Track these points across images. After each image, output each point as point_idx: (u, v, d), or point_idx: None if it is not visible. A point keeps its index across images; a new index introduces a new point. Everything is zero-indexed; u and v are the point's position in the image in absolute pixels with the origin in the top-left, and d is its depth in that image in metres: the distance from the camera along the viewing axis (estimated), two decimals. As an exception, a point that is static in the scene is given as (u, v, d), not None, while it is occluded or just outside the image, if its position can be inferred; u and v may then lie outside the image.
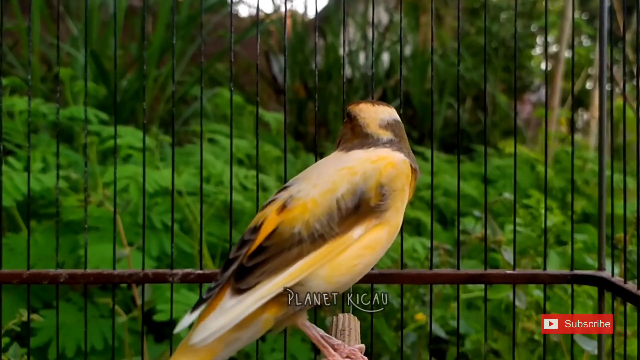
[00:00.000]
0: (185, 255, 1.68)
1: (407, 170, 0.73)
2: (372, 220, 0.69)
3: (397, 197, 0.71)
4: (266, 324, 0.67)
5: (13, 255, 1.55)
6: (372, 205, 0.69)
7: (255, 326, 0.66)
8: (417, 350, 1.50)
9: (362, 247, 0.68)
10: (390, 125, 0.78)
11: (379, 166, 0.72)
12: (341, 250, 0.67)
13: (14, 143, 1.89)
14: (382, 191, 0.70)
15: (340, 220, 0.68)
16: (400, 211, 0.72)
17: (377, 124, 0.77)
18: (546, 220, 1.09)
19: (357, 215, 0.68)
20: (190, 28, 2.88)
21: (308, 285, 0.66)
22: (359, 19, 4.40)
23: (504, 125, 4.25)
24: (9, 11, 2.59)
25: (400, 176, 0.72)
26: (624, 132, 1.54)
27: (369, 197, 0.69)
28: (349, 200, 0.69)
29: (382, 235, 0.70)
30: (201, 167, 1.05)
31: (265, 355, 1.53)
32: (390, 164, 0.72)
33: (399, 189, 0.71)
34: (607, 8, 1.06)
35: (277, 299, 0.65)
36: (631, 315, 0.98)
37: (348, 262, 0.68)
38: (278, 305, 0.66)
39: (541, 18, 4.49)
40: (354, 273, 0.69)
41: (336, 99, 3.78)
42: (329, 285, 0.67)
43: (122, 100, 2.58)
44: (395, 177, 0.71)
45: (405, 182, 0.72)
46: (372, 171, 0.71)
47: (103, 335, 1.48)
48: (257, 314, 0.65)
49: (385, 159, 0.73)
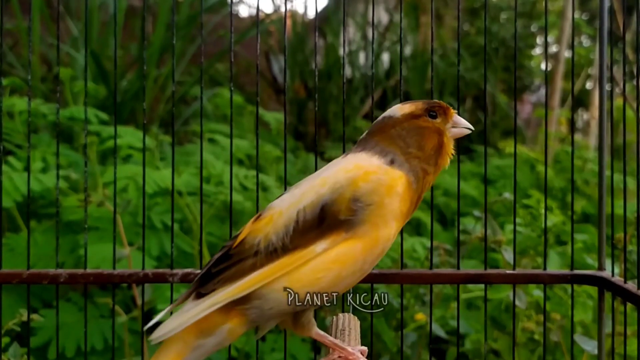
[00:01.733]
0: (185, 255, 1.68)
1: (389, 181, 0.67)
2: (340, 233, 0.65)
3: (374, 212, 0.66)
4: (232, 333, 0.66)
5: (13, 255, 1.55)
6: (340, 219, 0.65)
7: (219, 335, 0.66)
8: (417, 350, 1.50)
9: (328, 261, 0.65)
10: (383, 125, 0.73)
11: (353, 176, 0.67)
12: (301, 264, 0.65)
13: (14, 143, 1.89)
14: (354, 205, 0.66)
15: (299, 234, 0.65)
16: (380, 226, 0.66)
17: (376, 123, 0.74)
18: (546, 220, 1.09)
19: (320, 228, 0.65)
20: (190, 28, 2.88)
21: (266, 298, 0.65)
22: (359, 19, 4.40)
23: (504, 125, 4.25)
24: (9, 11, 2.59)
25: (377, 189, 0.66)
26: (624, 132, 1.54)
27: (337, 209, 0.65)
28: (309, 212, 0.66)
29: (354, 250, 0.65)
30: (201, 167, 1.05)
31: (265, 355, 1.53)
32: (365, 175, 0.67)
33: (376, 203, 0.66)
34: (607, 8, 1.06)
35: (239, 310, 0.65)
36: (631, 315, 0.98)
37: (310, 275, 0.65)
38: (240, 316, 0.65)
39: (541, 18, 4.49)
40: (321, 286, 0.65)
41: (336, 99, 3.78)
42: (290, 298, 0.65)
43: (122, 100, 2.58)
44: (371, 191, 0.66)
45: (385, 195, 0.66)
46: (345, 182, 0.67)
47: (103, 335, 1.48)
48: (218, 322, 0.65)
49: (361, 168, 0.69)
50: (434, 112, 0.73)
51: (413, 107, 0.73)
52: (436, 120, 0.73)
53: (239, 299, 0.65)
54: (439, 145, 0.72)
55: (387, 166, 0.69)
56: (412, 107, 0.73)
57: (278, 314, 0.66)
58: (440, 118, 0.74)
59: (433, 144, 0.72)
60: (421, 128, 0.72)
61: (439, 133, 0.73)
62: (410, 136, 0.72)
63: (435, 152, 0.72)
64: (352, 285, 0.69)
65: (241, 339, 1.52)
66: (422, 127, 0.72)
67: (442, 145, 0.73)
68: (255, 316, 0.65)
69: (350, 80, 4.01)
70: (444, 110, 0.74)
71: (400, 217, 0.69)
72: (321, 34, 4.07)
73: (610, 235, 1.10)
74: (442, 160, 0.73)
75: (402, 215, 0.69)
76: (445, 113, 0.74)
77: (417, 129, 0.72)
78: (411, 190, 0.69)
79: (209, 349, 0.67)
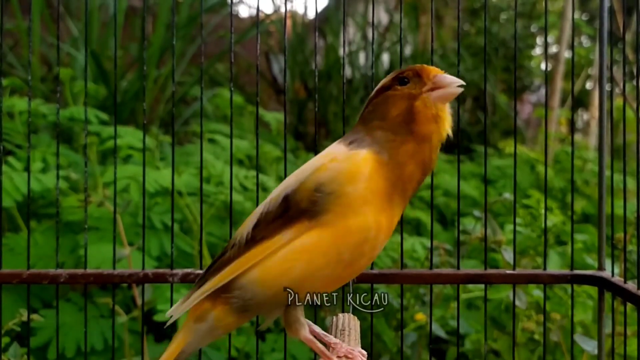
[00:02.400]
0: (185, 255, 1.68)
1: (349, 168, 0.64)
2: (304, 223, 0.64)
3: (336, 201, 0.63)
4: (219, 320, 0.68)
5: (13, 255, 1.55)
6: (303, 208, 0.64)
7: (209, 321, 0.69)
8: (417, 350, 1.50)
9: (295, 251, 0.64)
10: (362, 109, 0.70)
11: (317, 165, 0.66)
12: (270, 254, 0.65)
13: (14, 143, 1.89)
14: (315, 194, 0.64)
15: (265, 225, 0.66)
16: (348, 215, 0.63)
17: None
18: (546, 220, 1.09)
19: (284, 218, 0.65)
20: (190, 28, 2.88)
21: (245, 289, 0.66)
22: (359, 19, 4.40)
23: (504, 125, 4.25)
24: (9, 11, 2.59)
25: (336, 178, 0.64)
26: (624, 132, 1.54)
27: (299, 199, 0.65)
28: (274, 204, 0.67)
29: (322, 239, 0.63)
30: (201, 167, 1.06)
31: (265, 355, 1.53)
32: (327, 164, 0.65)
33: (336, 192, 0.63)
34: (607, 8, 1.06)
35: (223, 298, 0.67)
36: (631, 315, 0.98)
37: (280, 265, 0.65)
38: (224, 304, 0.68)
39: (541, 18, 4.49)
40: (292, 276, 0.64)
41: (336, 99, 3.78)
42: (266, 289, 0.65)
43: (122, 100, 2.57)
44: (330, 180, 0.64)
45: (346, 183, 0.63)
46: (308, 171, 0.66)
47: (103, 335, 1.48)
48: (208, 309, 0.69)
49: (328, 156, 0.67)
50: (404, 78, 0.68)
51: (384, 80, 0.69)
52: (407, 85, 0.67)
53: (223, 289, 0.67)
54: (408, 110, 0.66)
55: (349, 151, 0.66)
56: (384, 80, 0.69)
57: (260, 304, 0.67)
58: (413, 82, 0.67)
59: (399, 110, 0.66)
60: (388, 97, 0.67)
61: (410, 98, 0.66)
62: (377, 109, 0.68)
63: (403, 118, 0.66)
64: (338, 278, 0.67)
65: (241, 339, 1.52)
66: (388, 97, 0.67)
67: (412, 110, 0.66)
68: (238, 305, 0.67)
69: (350, 81, 4.01)
70: (417, 73, 0.67)
71: (378, 201, 0.64)
72: (321, 34, 4.07)
73: (610, 235, 1.10)
74: (417, 127, 0.65)
75: (380, 197, 0.64)
76: (420, 75, 0.67)
77: (384, 99, 0.68)
78: (384, 166, 0.65)
79: (204, 334, 0.70)
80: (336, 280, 0.67)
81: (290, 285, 0.65)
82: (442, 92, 0.66)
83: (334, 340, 0.72)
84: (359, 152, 0.65)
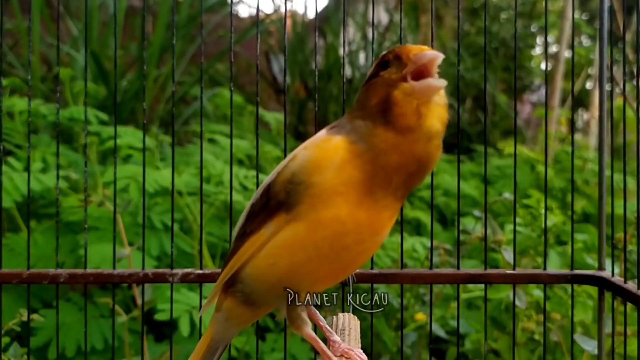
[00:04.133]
0: (185, 255, 1.68)
1: (317, 156, 0.60)
2: (282, 215, 0.62)
3: (305, 192, 0.60)
4: (230, 311, 0.70)
5: (13, 255, 1.55)
6: (280, 200, 0.62)
7: (224, 311, 0.71)
8: (417, 350, 1.50)
9: (276, 246, 0.63)
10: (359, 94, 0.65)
11: (293, 154, 0.64)
12: (258, 249, 0.64)
13: (14, 143, 1.89)
14: (287, 186, 0.61)
15: (252, 218, 0.66)
16: (318, 206, 0.59)
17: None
18: (546, 220, 1.09)
19: (265, 210, 0.64)
20: (190, 28, 2.88)
21: (245, 282, 0.67)
22: (359, 19, 4.40)
23: (504, 125, 4.25)
24: (9, 11, 2.59)
25: (304, 167, 0.60)
26: (624, 132, 1.54)
27: (276, 190, 0.63)
28: (258, 197, 0.66)
29: (297, 233, 0.61)
30: (201, 167, 1.06)
31: (265, 355, 1.53)
32: (298, 154, 0.63)
33: (304, 182, 0.60)
34: (607, 8, 1.06)
35: (230, 291, 0.68)
36: (631, 315, 0.98)
37: (265, 260, 0.64)
38: (231, 297, 0.69)
39: (541, 18, 4.49)
40: (278, 272, 0.63)
41: (336, 99, 3.79)
42: (259, 284, 0.65)
43: (122, 100, 2.58)
44: (300, 169, 0.61)
45: (313, 172, 0.60)
46: (286, 162, 0.64)
47: (103, 335, 1.48)
48: (222, 300, 0.70)
49: (304, 144, 0.64)
50: (387, 62, 0.61)
51: (371, 67, 0.64)
52: (386, 70, 0.60)
53: (230, 282, 0.68)
54: (385, 99, 0.59)
55: (325, 136, 0.62)
56: (371, 69, 0.64)
57: (261, 297, 0.67)
58: (393, 66, 0.60)
59: (378, 98, 0.60)
60: (371, 85, 0.62)
61: (388, 84, 0.59)
62: (360, 98, 0.63)
63: (381, 107, 0.59)
64: (329, 273, 0.65)
65: (241, 339, 1.52)
66: (371, 84, 0.61)
67: (389, 98, 0.59)
68: (243, 298, 0.67)
69: (350, 80, 4.01)
70: (397, 55, 0.60)
71: (352, 193, 0.59)
72: (321, 34, 4.07)
73: (610, 235, 1.10)
74: (393, 118, 0.58)
75: (354, 189, 0.59)
76: (399, 57, 0.60)
77: (368, 87, 0.62)
78: (359, 156, 0.59)
79: (223, 324, 0.72)
80: (327, 275, 0.65)
81: (278, 281, 0.64)
82: (422, 84, 0.58)
83: (334, 337, 0.72)
84: (331, 139, 0.61)
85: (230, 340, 0.76)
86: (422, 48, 0.60)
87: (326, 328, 0.73)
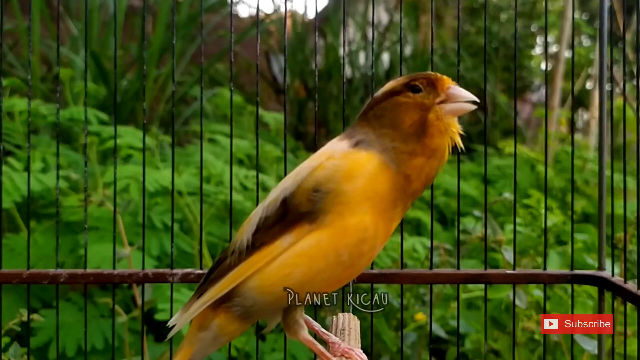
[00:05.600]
0: (185, 255, 1.68)
1: (349, 165, 0.62)
2: (304, 226, 0.62)
3: (334, 200, 0.61)
4: (222, 328, 0.67)
5: (13, 255, 1.55)
6: (302, 211, 0.62)
7: (212, 329, 0.68)
8: (417, 350, 1.50)
9: (295, 255, 0.62)
10: (366, 107, 0.67)
11: (314, 165, 0.64)
12: (269, 261, 0.63)
13: (14, 144, 1.89)
14: (313, 195, 0.62)
15: (264, 230, 0.65)
16: (346, 214, 0.61)
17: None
18: (546, 220, 1.09)
19: (284, 222, 0.63)
20: (190, 28, 2.88)
21: (245, 296, 0.65)
22: (359, 19, 4.40)
23: (504, 125, 4.25)
24: (9, 11, 2.59)
25: (334, 176, 0.62)
26: (624, 132, 1.54)
27: (297, 202, 0.63)
28: (271, 208, 0.65)
29: (320, 241, 0.61)
30: (201, 167, 1.06)
31: (265, 355, 1.53)
32: (324, 162, 0.63)
33: (334, 191, 0.61)
34: (607, 8, 1.06)
35: (224, 307, 0.66)
36: (631, 315, 0.98)
37: (279, 271, 0.63)
38: (225, 313, 0.66)
39: (541, 18, 4.49)
40: (292, 282, 0.63)
41: (336, 99, 3.78)
42: (266, 296, 0.64)
43: (122, 100, 2.58)
44: (328, 177, 0.62)
45: (343, 181, 0.61)
46: (305, 172, 0.64)
47: (103, 335, 1.48)
48: (210, 318, 0.67)
49: (324, 155, 0.65)
50: (417, 86, 0.65)
51: (394, 83, 0.66)
52: (420, 94, 0.65)
53: (224, 297, 0.66)
54: (421, 122, 0.63)
55: (351, 149, 0.64)
56: (393, 83, 0.67)
57: (261, 310, 0.66)
58: (426, 92, 0.65)
59: (412, 121, 0.63)
60: (399, 104, 0.64)
61: (422, 109, 0.64)
62: (387, 115, 0.65)
63: (415, 130, 0.63)
64: (337, 280, 0.66)
65: (241, 338, 1.52)
66: (400, 104, 0.64)
67: (425, 122, 0.63)
68: (241, 312, 0.66)
69: (350, 80, 4.01)
70: (432, 83, 0.65)
71: (378, 202, 0.62)
72: (321, 34, 4.07)
73: (610, 235, 1.10)
74: (428, 140, 0.63)
75: (380, 199, 0.62)
76: (434, 85, 0.65)
77: (394, 105, 0.65)
78: (389, 171, 0.62)
79: (209, 342, 0.69)
80: (335, 282, 0.66)
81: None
82: (455, 106, 0.64)
83: (333, 339, 0.72)
84: (361, 152, 0.63)
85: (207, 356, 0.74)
86: (453, 82, 0.66)
87: (322, 331, 0.73)
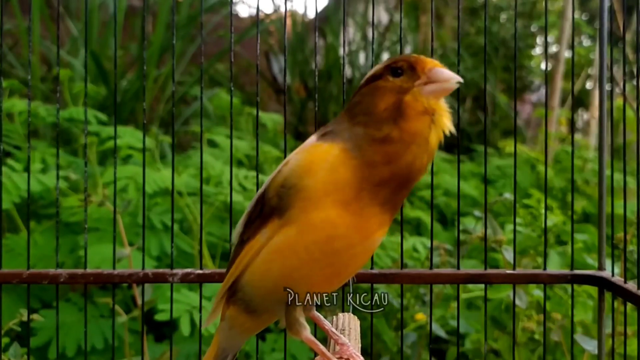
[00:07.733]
0: (185, 255, 1.68)
1: (308, 159, 0.61)
2: (275, 220, 0.62)
3: (297, 196, 0.60)
4: (232, 320, 0.70)
5: (13, 255, 1.55)
6: (273, 205, 0.63)
7: (227, 320, 0.71)
8: (417, 350, 1.50)
9: (270, 251, 0.63)
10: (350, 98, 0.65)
11: (286, 159, 0.64)
12: (253, 256, 0.64)
13: (13, 145, 1.89)
14: (280, 190, 0.62)
15: (248, 225, 0.66)
16: (309, 209, 0.60)
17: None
18: (546, 220, 1.09)
19: (260, 217, 0.64)
20: (190, 28, 2.88)
21: (244, 291, 0.67)
22: (359, 19, 4.40)
23: (504, 125, 4.25)
24: (9, 11, 2.59)
25: (295, 171, 0.61)
26: (624, 132, 1.54)
27: (269, 196, 0.63)
28: (253, 204, 0.67)
29: (289, 237, 0.61)
30: (201, 167, 1.05)
31: (265, 355, 1.53)
32: (290, 158, 0.63)
33: (295, 186, 0.60)
34: (607, 8, 1.06)
35: (232, 301, 0.68)
36: (631, 315, 0.98)
37: (260, 267, 0.64)
38: (233, 305, 0.69)
39: (541, 18, 4.49)
40: (272, 277, 0.63)
41: (336, 99, 3.79)
42: (256, 290, 0.65)
43: (122, 100, 2.58)
44: (290, 174, 0.62)
45: (304, 176, 0.60)
46: (280, 168, 0.64)
47: (103, 335, 1.48)
48: (224, 309, 0.70)
49: (296, 151, 0.64)
50: (398, 69, 0.61)
51: (376, 68, 0.63)
52: (400, 78, 0.61)
53: (232, 291, 0.68)
54: (396, 105, 0.59)
55: (315, 142, 0.63)
56: (375, 68, 0.63)
57: (260, 304, 0.67)
58: (406, 75, 0.61)
59: (386, 105, 0.60)
60: (376, 89, 0.61)
61: (400, 91, 0.60)
62: (364, 100, 0.62)
63: (390, 114, 0.59)
64: (325, 279, 0.64)
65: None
66: (378, 88, 0.61)
67: (400, 105, 0.59)
68: (245, 306, 0.68)
69: (350, 80, 4.01)
70: (412, 65, 0.61)
71: (340, 195, 0.59)
72: (321, 34, 4.07)
73: (610, 235, 1.10)
74: (406, 124, 0.59)
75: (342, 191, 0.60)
76: (414, 68, 0.61)
77: (372, 91, 0.62)
78: (351, 161, 0.59)
79: (228, 333, 0.72)
80: (323, 281, 0.65)
81: (274, 286, 0.63)
82: (435, 86, 0.59)
83: (343, 340, 0.72)
84: (322, 145, 0.61)
85: (239, 348, 0.75)
86: (437, 63, 0.61)
87: (333, 331, 0.73)
